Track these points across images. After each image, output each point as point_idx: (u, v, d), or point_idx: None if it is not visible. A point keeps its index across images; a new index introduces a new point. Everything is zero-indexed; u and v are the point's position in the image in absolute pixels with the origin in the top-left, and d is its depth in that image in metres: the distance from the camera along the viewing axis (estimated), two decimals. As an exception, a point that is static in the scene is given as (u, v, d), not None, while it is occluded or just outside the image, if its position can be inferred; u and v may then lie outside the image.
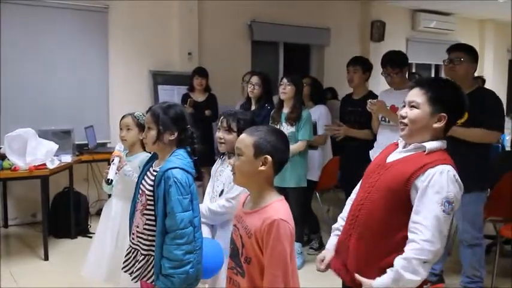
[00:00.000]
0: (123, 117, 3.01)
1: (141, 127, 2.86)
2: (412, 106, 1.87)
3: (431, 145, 1.84)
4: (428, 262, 1.73)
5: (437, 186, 1.74)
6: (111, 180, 2.78)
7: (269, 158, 1.72)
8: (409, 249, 1.74)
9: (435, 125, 1.85)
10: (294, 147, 3.90)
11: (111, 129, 5.56)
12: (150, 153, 2.46)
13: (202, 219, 2.60)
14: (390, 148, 2.02)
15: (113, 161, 2.81)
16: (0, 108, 5.01)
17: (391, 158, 1.94)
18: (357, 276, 1.85)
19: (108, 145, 5.56)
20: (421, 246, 1.72)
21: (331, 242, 2.09)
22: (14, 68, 5.10)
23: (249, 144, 1.74)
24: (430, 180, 1.75)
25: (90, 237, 4.69)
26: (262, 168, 1.72)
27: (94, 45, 5.59)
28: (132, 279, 2.25)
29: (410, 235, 1.76)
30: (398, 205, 1.81)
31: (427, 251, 1.72)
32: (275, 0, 6.83)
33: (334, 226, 2.13)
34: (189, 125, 2.25)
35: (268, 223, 1.66)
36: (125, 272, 2.30)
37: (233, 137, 2.47)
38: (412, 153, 1.88)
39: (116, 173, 2.81)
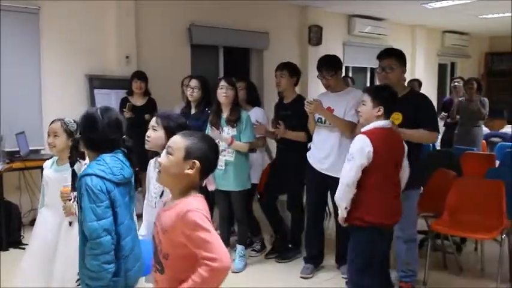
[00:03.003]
0: (51, 123, 2.94)
1: (69, 133, 2.82)
2: (364, 104, 2.96)
3: (366, 127, 2.93)
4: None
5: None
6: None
7: (197, 163, 1.74)
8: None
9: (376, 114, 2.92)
10: (238, 144, 3.94)
11: (45, 136, 5.31)
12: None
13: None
14: None
15: (71, 200, 2.59)
16: None
17: None
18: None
19: (42, 152, 5.32)
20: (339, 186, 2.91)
21: None
22: None
23: (181, 146, 1.76)
24: None
25: (23, 248, 4.46)
26: (189, 171, 1.74)
27: (25, 47, 5.33)
28: None
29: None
30: None
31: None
32: (214, 3, 6.82)
33: None
34: (103, 130, 2.12)
35: (181, 216, 1.67)
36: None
37: (157, 134, 2.51)
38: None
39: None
